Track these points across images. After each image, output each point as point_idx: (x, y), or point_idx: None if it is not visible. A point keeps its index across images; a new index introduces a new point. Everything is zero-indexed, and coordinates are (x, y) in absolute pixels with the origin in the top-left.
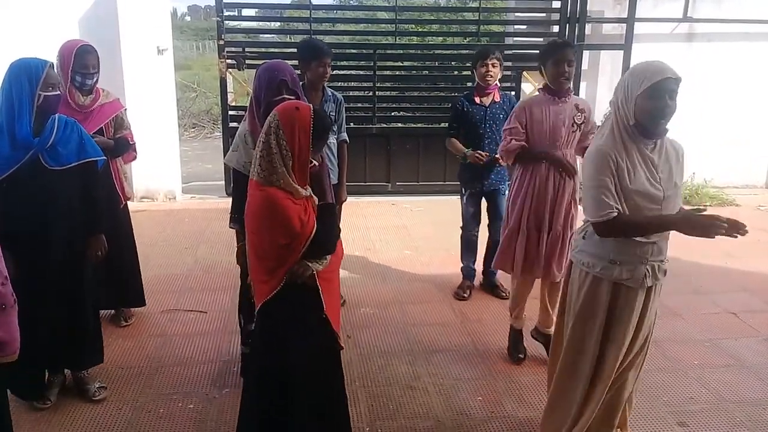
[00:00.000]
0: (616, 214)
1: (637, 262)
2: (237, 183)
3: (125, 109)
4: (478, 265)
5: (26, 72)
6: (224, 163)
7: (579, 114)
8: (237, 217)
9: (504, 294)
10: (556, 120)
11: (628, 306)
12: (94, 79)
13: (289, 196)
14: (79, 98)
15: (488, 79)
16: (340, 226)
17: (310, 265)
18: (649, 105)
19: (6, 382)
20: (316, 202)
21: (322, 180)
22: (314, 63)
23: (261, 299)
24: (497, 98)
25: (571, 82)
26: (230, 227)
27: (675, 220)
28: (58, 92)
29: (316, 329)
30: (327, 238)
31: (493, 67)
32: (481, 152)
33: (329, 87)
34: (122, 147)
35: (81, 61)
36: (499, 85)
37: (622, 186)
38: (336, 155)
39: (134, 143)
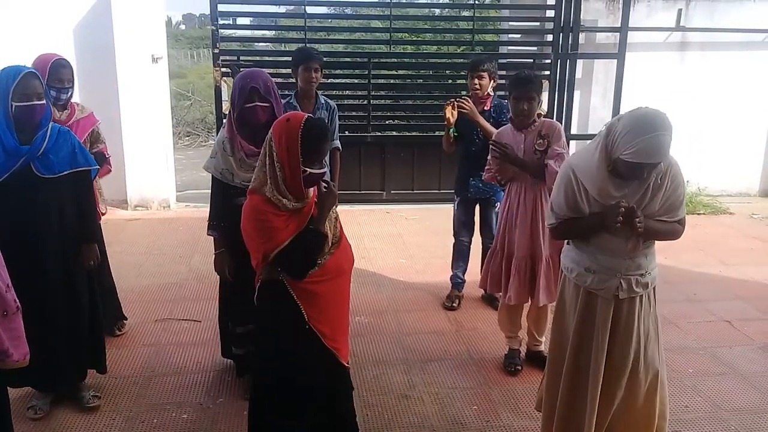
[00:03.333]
0: (554, 224)
1: (611, 274)
2: (215, 189)
3: (100, 123)
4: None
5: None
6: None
7: (541, 140)
8: (215, 224)
9: None
10: (517, 149)
11: (602, 315)
12: (69, 94)
13: (272, 207)
14: (54, 113)
15: (476, 91)
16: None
17: (276, 270)
18: (626, 171)
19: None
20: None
21: (323, 207)
22: (301, 67)
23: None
24: (488, 106)
25: (533, 116)
26: (208, 234)
27: (595, 221)
28: (34, 102)
29: (303, 340)
30: (293, 262)
31: (480, 79)
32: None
33: (323, 95)
34: (99, 162)
35: (56, 75)
36: (492, 94)
37: (581, 205)
38: (328, 162)
39: (109, 157)
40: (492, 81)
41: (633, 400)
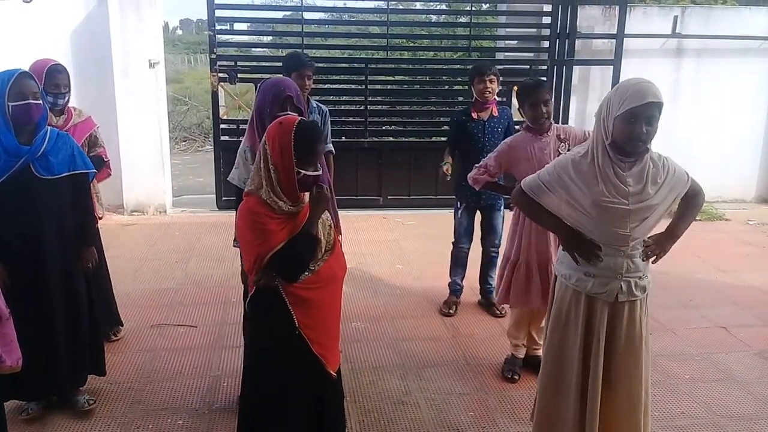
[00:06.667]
0: (522, 191)
1: (611, 276)
2: (240, 200)
3: (98, 127)
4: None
5: None
6: (227, 180)
7: (562, 144)
8: None
9: (498, 312)
10: (542, 155)
11: (600, 319)
12: (66, 99)
13: (267, 209)
14: (51, 119)
15: (486, 95)
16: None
17: (272, 275)
18: (626, 129)
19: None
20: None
21: (315, 209)
22: (294, 74)
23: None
24: (495, 113)
25: (551, 117)
26: (234, 245)
27: (562, 229)
28: (30, 101)
29: (292, 346)
30: (286, 265)
31: (491, 83)
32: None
33: (317, 99)
34: (97, 165)
35: (52, 81)
36: (497, 99)
37: (577, 196)
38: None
39: (108, 160)
40: (497, 86)
41: (624, 409)
